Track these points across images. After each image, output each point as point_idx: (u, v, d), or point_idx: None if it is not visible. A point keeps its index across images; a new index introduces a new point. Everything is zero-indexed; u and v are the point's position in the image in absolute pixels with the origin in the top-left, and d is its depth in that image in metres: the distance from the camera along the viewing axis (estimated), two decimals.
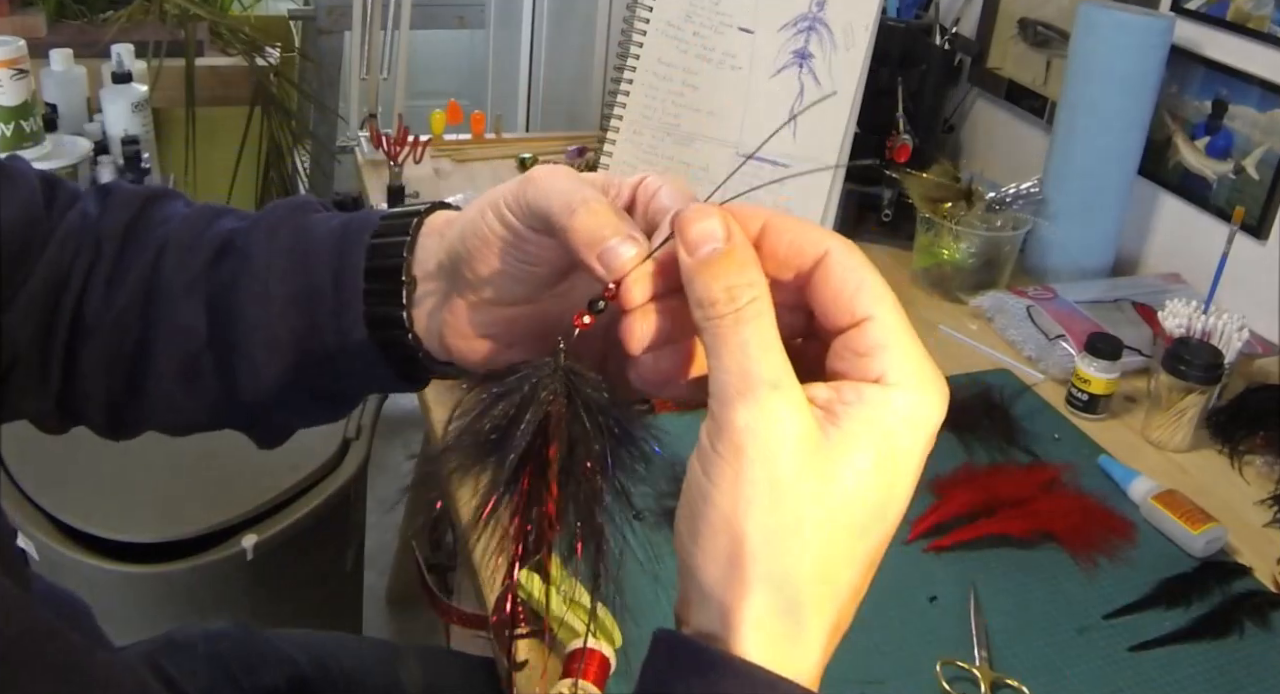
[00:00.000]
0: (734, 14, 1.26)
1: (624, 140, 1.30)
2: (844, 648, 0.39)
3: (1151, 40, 1.18)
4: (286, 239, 0.53)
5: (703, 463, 0.36)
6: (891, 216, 1.37)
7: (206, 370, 0.54)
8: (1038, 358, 1.11)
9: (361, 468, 1.42)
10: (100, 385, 0.55)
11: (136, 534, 1.23)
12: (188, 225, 0.55)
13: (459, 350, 0.50)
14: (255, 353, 0.52)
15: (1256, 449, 1.00)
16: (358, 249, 0.51)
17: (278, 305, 0.52)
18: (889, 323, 0.38)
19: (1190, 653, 0.77)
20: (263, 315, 0.52)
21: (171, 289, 0.53)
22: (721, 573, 0.36)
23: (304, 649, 0.90)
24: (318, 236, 0.53)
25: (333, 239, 0.52)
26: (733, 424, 0.35)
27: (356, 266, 0.51)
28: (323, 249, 0.52)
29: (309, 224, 0.53)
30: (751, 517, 0.35)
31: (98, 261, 0.54)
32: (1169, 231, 1.30)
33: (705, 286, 0.37)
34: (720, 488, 0.35)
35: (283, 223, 0.54)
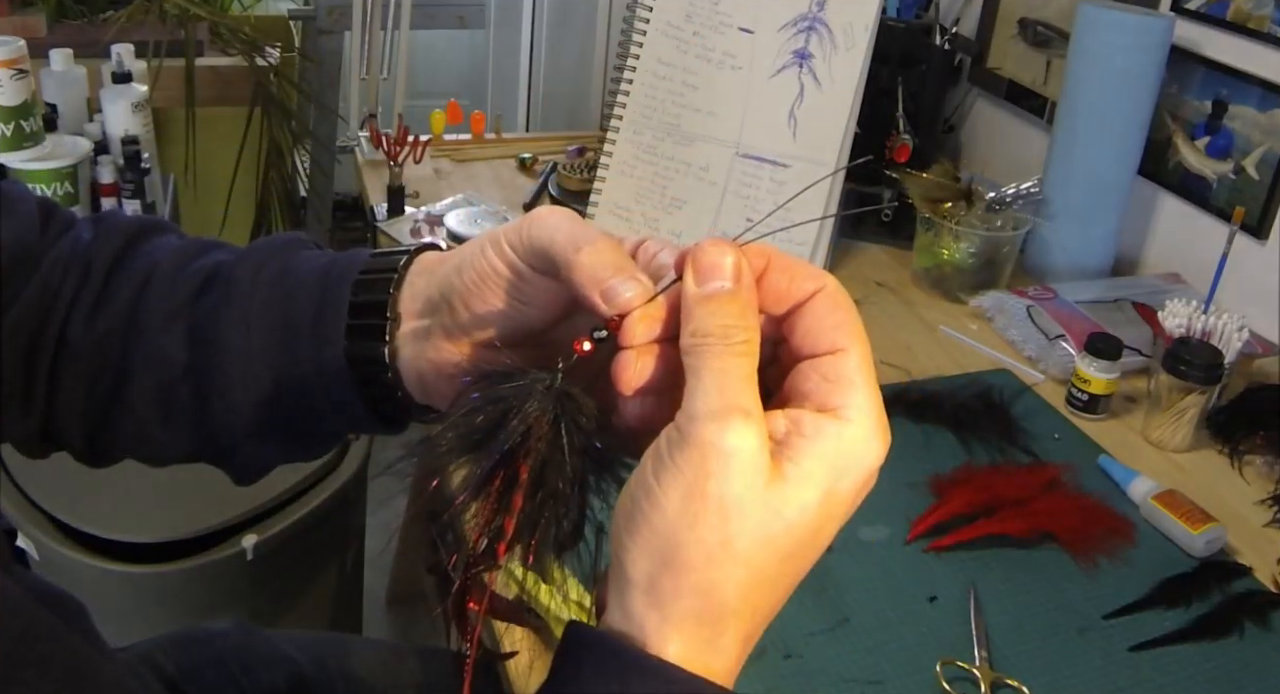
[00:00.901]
0: (734, 14, 1.26)
1: (624, 140, 1.30)
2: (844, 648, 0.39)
3: (1151, 40, 1.18)
4: (271, 273, 0.52)
5: (656, 467, 0.37)
6: (891, 216, 1.37)
7: (183, 402, 0.53)
8: (1038, 358, 1.11)
9: (361, 468, 1.42)
10: (78, 411, 0.55)
11: (136, 534, 1.23)
12: (176, 256, 0.54)
13: (439, 393, 0.49)
14: (233, 386, 0.52)
15: (1256, 449, 1.00)
16: (343, 285, 0.51)
17: (258, 338, 0.51)
18: (859, 360, 0.39)
19: (1190, 653, 0.77)
20: (242, 347, 0.51)
21: (154, 318, 0.53)
22: (652, 571, 0.37)
23: (303, 649, 0.91)
24: (303, 272, 0.52)
25: (317, 275, 0.52)
26: (700, 438, 0.36)
27: (340, 301, 0.50)
28: (307, 284, 0.51)
29: (296, 261, 0.53)
30: (695, 529, 0.36)
31: (84, 287, 0.54)
32: (1169, 231, 1.30)
33: (704, 320, 0.38)
34: (669, 495, 0.36)
35: (270, 257, 0.53)
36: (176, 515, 1.26)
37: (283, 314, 0.51)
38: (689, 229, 1.28)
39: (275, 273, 0.52)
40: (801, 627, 0.76)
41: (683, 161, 1.29)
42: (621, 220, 1.28)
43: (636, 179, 1.29)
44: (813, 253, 1.24)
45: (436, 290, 0.48)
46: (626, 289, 0.40)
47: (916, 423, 1.00)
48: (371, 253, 0.52)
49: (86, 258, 0.54)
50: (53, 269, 0.54)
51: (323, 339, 0.50)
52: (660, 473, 0.37)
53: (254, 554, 1.26)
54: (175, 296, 0.53)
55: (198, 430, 0.54)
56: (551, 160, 1.52)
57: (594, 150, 1.40)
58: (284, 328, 0.51)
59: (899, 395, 1.02)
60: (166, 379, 0.53)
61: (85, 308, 0.53)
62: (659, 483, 0.37)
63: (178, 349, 0.52)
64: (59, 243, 0.55)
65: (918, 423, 1.00)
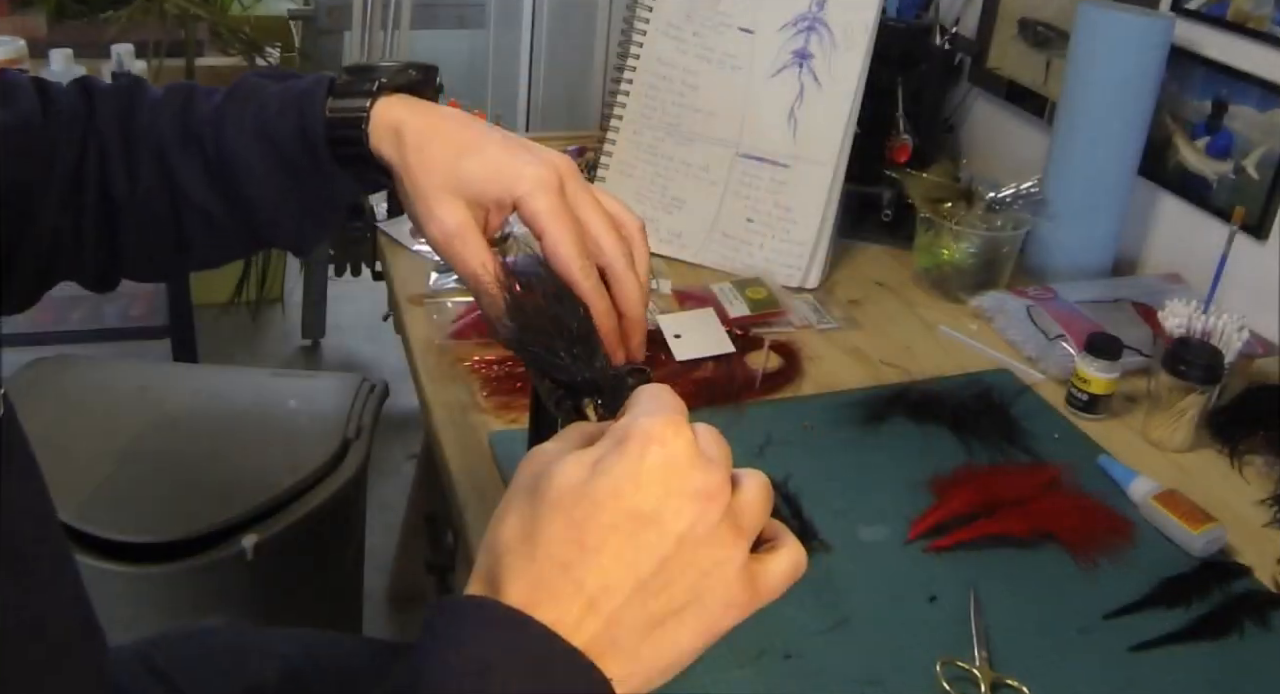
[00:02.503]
0: (734, 14, 1.26)
1: (624, 140, 1.30)
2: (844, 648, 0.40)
3: (1151, 40, 1.18)
4: (252, 128, 0.64)
5: (603, 456, 0.44)
6: (891, 216, 1.37)
7: (226, 222, 0.66)
8: (1038, 358, 1.11)
9: (361, 468, 1.42)
10: (144, 255, 0.68)
11: (136, 534, 1.23)
12: (174, 122, 0.65)
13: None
14: (259, 210, 0.65)
15: (1256, 449, 1.00)
16: (318, 131, 0.62)
17: (268, 178, 0.64)
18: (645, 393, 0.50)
19: (1190, 653, 0.77)
20: (257, 187, 0.64)
21: (184, 179, 0.65)
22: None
23: (297, 645, 0.90)
24: (280, 124, 0.64)
25: (292, 121, 0.63)
26: (640, 427, 0.44)
27: (321, 143, 0.62)
28: (286, 129, 0.63)
29: (266, 108, 0.64)
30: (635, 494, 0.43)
31: (106, 155, 0.65)
32: (1169, 231, 1.30)
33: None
34: (615, 471, 0.43)
35: (244, 115, 0.64)
36: (176, 515, 1.26)
37: (279, 160, 0.64)
38: (689, 229, 1.28)
39: (254, 128, 0.64)
40: (801, 627, 0.76)
41: (683, 161, 1.29)
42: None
43: (636, 179, 1.29)
44: (813, 253, 1.24)
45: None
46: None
47: (916, 423, 1.00)
48: (330, 94, 0.63)
49: (97, 131, 0.65)
50: (68, 144, 0.64)
51: (320, 173, 0.64)
52: (605, 459, 0.45)
53: (254, 554, 1.26)
54: (193, 166, 0.64)
55: (240, 231, 0.67)
56: None
57: (594, 150, 1.40)
58: (286, 168, 0.64)
59: (899, 395, 1.02)
60: (211, 216, 0.65)
61: (120, 176, 0.65)
62: (603, 468, 0.44)
63: (211, 202, 0.65)
64: (61, 118, 0.65)
65: (918, 423, 1.00)
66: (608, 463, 0.43)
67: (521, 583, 0.42)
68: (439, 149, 0.60)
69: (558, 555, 0.42)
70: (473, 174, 0.59)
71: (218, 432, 1.41)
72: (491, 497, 0.85)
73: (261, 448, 1.38)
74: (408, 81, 0.65)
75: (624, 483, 0.42)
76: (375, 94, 0.62)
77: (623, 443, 0.43)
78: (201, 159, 0.64)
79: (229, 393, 1.50)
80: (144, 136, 0.65)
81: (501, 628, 0.41)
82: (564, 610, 0.41)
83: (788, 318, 1.16)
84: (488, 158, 0.60)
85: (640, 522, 0.42)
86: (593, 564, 0.42)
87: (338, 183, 0.64)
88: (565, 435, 0.48)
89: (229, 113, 0.64)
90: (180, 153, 0.64)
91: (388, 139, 0.61)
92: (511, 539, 0.43)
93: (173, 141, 0.65)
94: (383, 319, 2.65)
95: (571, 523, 0.42)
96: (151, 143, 0.65)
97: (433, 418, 0.96)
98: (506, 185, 0.59)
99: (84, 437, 1.37)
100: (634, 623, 0.42)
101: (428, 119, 0.62)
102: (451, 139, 0.61)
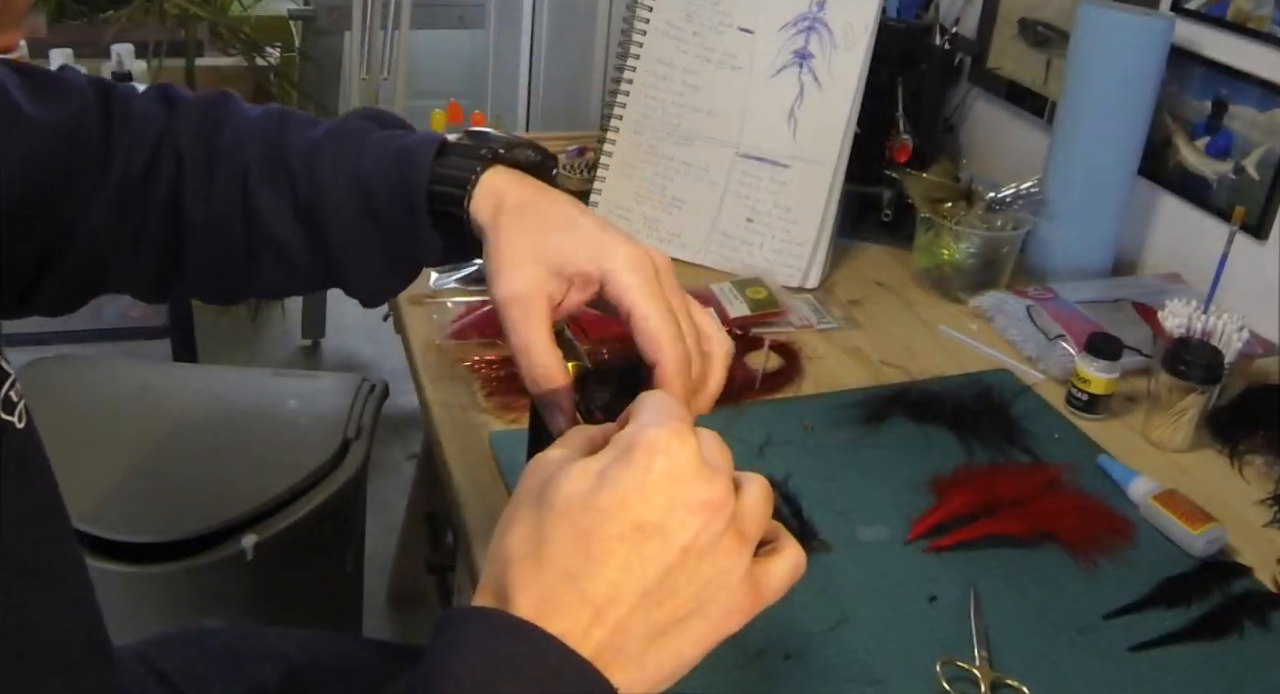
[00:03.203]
0: (734, 14, 1.26)
1: (624, 140, 1.30)
2: (844, 648, 0.40)
3: (1151, 40, 1.18)
4: (349, 172, 0.62)
5: (608, 466, 0.44)
6: (891, 216, 1.37)
7: (301, 261, 0.65)
8: (1038, 358, 1.11)
9: (361, 468, 1.42)
10: (209, 274, 0.67)
11: (136, 534, 1.23)
12: (265, 148, 0.64)
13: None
14: (340, 256, 0.64)
15: (1256, 449, 1.00)
16: (420, 189, 0.61)
17: (357, 225, 0.63)
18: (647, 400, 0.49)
19: (1190, 653, 0.77)
20: (342, 232, 0.63)
21: (265, 209, 0.64)
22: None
23: (298, 645, 0.90)
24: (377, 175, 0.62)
25: (393, 174, 0.62)
26: (646, 437, 0.44)
27: (420, 202, 0.61)
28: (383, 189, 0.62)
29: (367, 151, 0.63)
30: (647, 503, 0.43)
31: (183, 168, 0.64)
32: (1169, 231, 1.30)
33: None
34: (621, 482, 0.43)
35: (342, 157, 0.63)
36: (176, 515, 1.26)
37: (372, 212, 0.63)
38: (689, 229, 1.28)
39: (353, 155, 0.62)
40: (801, 627, 0.76)
41: (683, 161, 1.29)
42: (622, 220, 1.28)
43: (636, 179, 1.29)
44: (813, 253, 1.24)
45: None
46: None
47: (916, 423, 1.00)
48: (434, 165, 0.61)
49: (174, 143, 0.64)
50: (136, 150, 0.63)
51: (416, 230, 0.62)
52: (611, 470, 0.45)
53: (254, 554, 1.26)
54: (278, 193, 0.63)
55: (315, 271, 0.66)
56: None
57: (594, 150, 1.40)
58: (376, 222, 0.63)
59: (899, 395, 1.02)
60: (287, 250, 0.64)
61: (196, 192, 0.64)
62: (607, 479, 0.45)
63: (294, 234, 0.64)
64: (130, 121, 0.64)
65: (918, 423, 1.00)
66: (614, 473, 0.43)
67: (530, 593, 0.42)
68: (534, 219, 0.58)
69: (565, 566, 0.42)
70: (562, 244, 0.57)
71: (218, 432, 1.41)
72: (491, 497, 0.85)
73: (261, 448, 1.38)
74: (525, 160, 0.64)
75: (630, 494, 0.43)
76: (488, 161, 0.61)
77: (628, 452, 0.44)
78: (290, 192, 0.63)
79: (229, 393, 1.50)
80: (228, 157, 0.64)
81: (510, 638, 0.41)
82: (572, 621, 0.42)
83: (788, 318, 1.16)
84: (582, 232, 0.57)
85: (646, 533, 0.42)
86: (599, 575, 0.42)
87: (427, 244, 0.62)
88: (569, 441, 0.48)
89: (326, 149, 0.63)
90: (267, 181, 0.63)
91: (486, 204, 0.59)
92: (518, 549, 0.44)
93: (261, 168, 0.63)
94: (383, 319, 2.65)
95: (578, 533, 0.42)
96: (236, 165, 0.63)
97: (433, 418, 0.96)
98: (597, 258, 0.56)
99: (84, 437, 1.37)
100: (639, 632, 0.42)
101: (532, 193, 0.60)
102: (550, 212, 0.59)
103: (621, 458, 0.44)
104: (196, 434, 1.40)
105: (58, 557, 0.50)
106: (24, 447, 0.48)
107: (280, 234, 0.63)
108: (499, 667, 0.41)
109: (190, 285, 0.68)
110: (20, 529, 0.46)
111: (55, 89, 0.62)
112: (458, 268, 1.18)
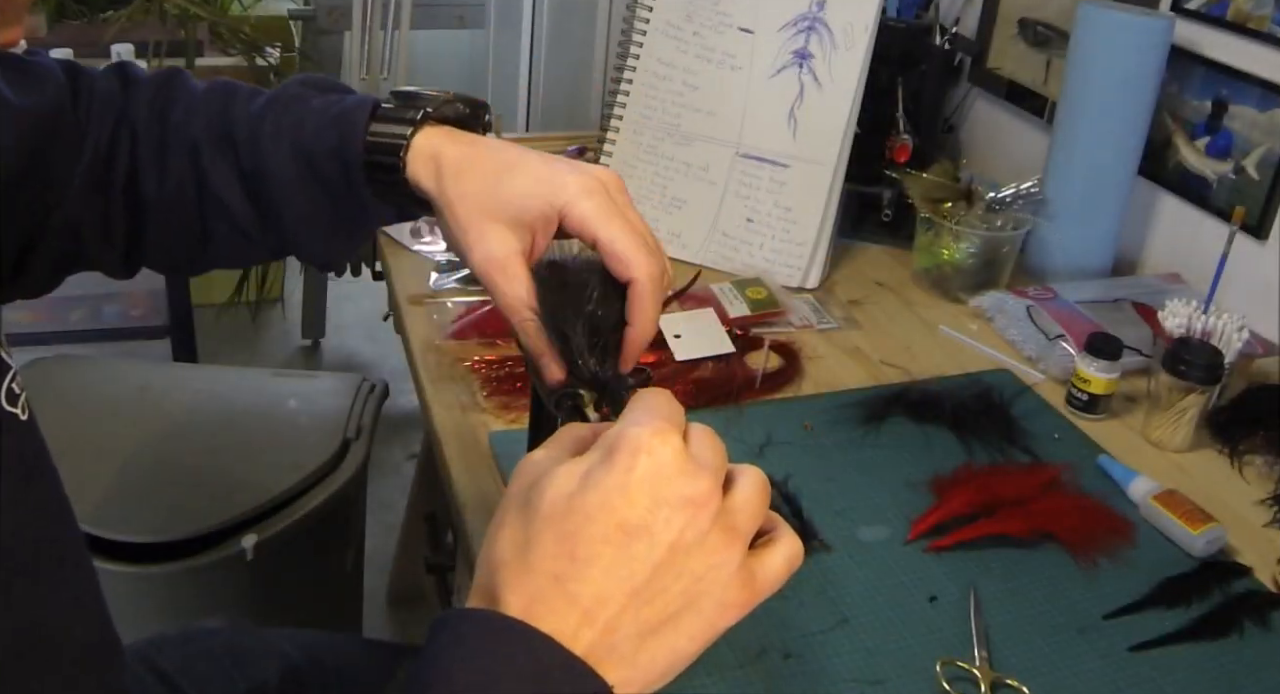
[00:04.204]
0: (734, 14, 1.26)
1: (624, 140, 1.30)
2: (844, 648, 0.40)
3: (1151, 40, 1.18)
4: (289, 140, 0.63)
5: (592, 468, 0.44)
6: (891, 216, 1.37)
7: (253, 230, 0.66)
8: (1038, 358, 1.11)
9: (361, 468, 1.42)
10: (165, 249, 0.68)
11: (136, 534, 1.23)
12: (211, 121, 0.65)
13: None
14: (288, 221, 0.65)
15: (1256, 449, 1.00)
16: (356, 154, 0.62)
17: (301, 191, 0.64)
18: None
19: (1190, 653, 0.77)
20: (288, 199, 0.64)
21: (215, 182, 0.65)
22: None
23: (298, 645, 0.90)
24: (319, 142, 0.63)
25: (330, 140, 0.63)
26: (629, 437, 0.44)
27: (357, 167, 0.62)
28: (325, 152, 0.63)
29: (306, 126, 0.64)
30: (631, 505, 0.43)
31: (137, 147, 0.65)
32: (1169, 231, 1.30)
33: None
34: (604, 484, 0.43)
35: (286, 109, 0.65)
36: (176, 515, 1.26)
37: (315, 178, 0.64)
38: (689, 229, 1.28)
39: (291, 145, 0.63)
40: (801, 627, 0.76)
41: (683, 161, 1.29)
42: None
43: (636, 179, 1.29)
44: (813, 253, 1.24)
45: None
46: None
47: (916, 423, 1.00)
48: (372, 118, 0.62)
49: (130, 120, 0.65)
50: (100, 126, 0.65)
51: (354, 193, 0.63)
52: (595, 471, 0.46)
53: (254, 554, 1.26)
54: (223, 168, 0.64)
55: (267, 239, 0.67)
56: None
57: (594, 150, 1.40)
58: (320, 185, 0.64)
59: (899, 395, 1.02)
60: (238, 217, 0.65)
61: (151, 170, 0.65)
62: (592, 479, 0.45)
63: (241, 204, 0.65)
64: (94, 101, 0.65)
65: (918, 423, 1.00)
66: (597, 475, 0.43)
67: (518, 596, 0.42)
68: (477, 175, 0.59)
69: (551, 569, 0.42)
70: (513, 191, 0.58)
71: (218, 432, 1.41)
72: (492, 497, 0.85)
73: (261, 448, 1.38)
74: (455, 115, 0.64)
75: (613, 495, 0.43)
76: (418, 123, 0.61)
77: (611, 454, 0.44)
78: (235, 162, 0.64)
79: (229, 393, 1.50)
80: (178, 132, 0.65)
81: (503, 639, 0.41)
82: (560, 621, 0.42)
83: (788, 318, 1.16)
84: (528, 173, 0.58)
85: (630, 533, 0.42)
86: (585, 576, 0.42)
87: (370, 207, 0.64)
88: (557, 441, 0.48)
89: (268, 119, 0.64)
90: (214, 153, 0.64)
91: (426, 169, 0.60)
92: (506, 553, 0.44)
93: (207, 141, 0.64)
94: (383, 319, 2.65)
95: (563, 536, 0.43)
96: (186, 140, 0.64)
97: (433, 418, 0.96)
98: (549, 196, 0.57)
99: (83, 437, 1.37)
100: (630, 630, 0.42)
101: (466, 148, 0.60)
102: (489, 163, 0.59)
103: (605, 459, 0.44)
104: (196, 434, 1.40)
105: (62, 553, 0.50)
106: (27, 440, 0.48)
107: (230, 204, 0.64)
108: (493, 667, 0.41)
109: (151, 260, 0.69)
110: (24, 524, 0.46)
111: (35, 75, 0.63)
112: (458, 268, 1.18)
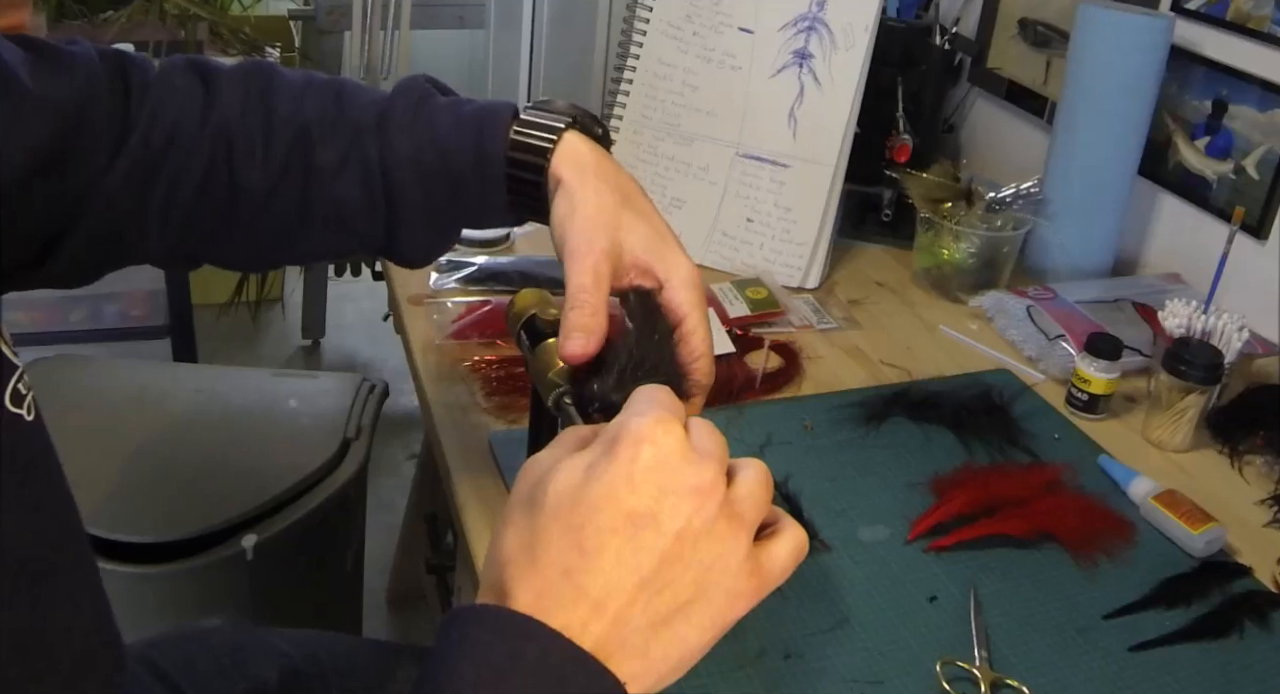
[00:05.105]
0: (734, 14, 1.26)
1: (624, 140, 1.30)
2: (844, 648, 0.40)
3: (1151, 40, 1.18)
4: (424, 133, 0.64)
5: (595, 460, 0.44)
6: (891, 216, 1.37)
7: (358, 220, 0.65)
8: (1038, 358, 1.11)
9: (361, 468, 1.42)
10: (255, 241, 0.66)
11: (136, 534, 1.23)
12: (323, 111, 0.64)
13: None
14: (401, 216, 0.65)
15: (1256, 449, 1.00)
16: (499, 152, 0.64)
17: (427, 185, 0.64)
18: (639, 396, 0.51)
19: (1190, 653, 0.77)
20: (410, 192, 0.64)
21: (326, 169, 0.64)
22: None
23: (297, 645, 0.91)
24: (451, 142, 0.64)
25: (468, 136, 0.64)
26: (631, 428, 0.45)
27: (499, 164, 0.64)
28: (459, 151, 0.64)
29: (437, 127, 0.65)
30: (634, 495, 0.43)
31: (232, 144, 0.63)
32: (1169, 231, 1.30)
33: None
34: (609, 474, 0.44)
35: (417, 117, 0.65)
36: (176, 515, 1.26)
37: (444, 176, 0.64)
38: (689, 229, 1.28)
39: (427, 117, 0.64)
40: (801, 627, 0.76)
41: (683, 161, 1.29)
42: None
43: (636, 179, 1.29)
44: (812, 253, 1.24)
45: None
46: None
47: (916, 423, 1.00)
48: (512, 127, 0.64)
49: (218, 113, 0.64)
50: (157, 120, 0.63)
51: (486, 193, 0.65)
52: (596, 465, 0.46)
53: (254, 554, 1.26)
54: (339, 142, 0.64)
55: (373, 229, 0.66)
56: None
57: None
58: (448, 185, 0.64)
59: (899, 395, 1.02)
60: (347, 207, 0.65)
61: (251, 159, 0.63)
62: (593, 473, 0.46)
63: (354, 186, 0.64)
64: (148, 93, 0.63)
65: (918, 423, 1.00)
66: (601, 467, 0.43)
67: (526, 591, 0.42)
68: (618, 193, 0.63)
69: (558, 562, 0.42)
70: (636, 230, 0.62)
71: (218, 432, 1.41)
72: (491, 497, 0.85)
73: (261, 448, 1.38)
74: (593, 134, 0.66)
75: (618, 485, 0.43)
76: (568, 126, 0.64)
77: (614, 445, 0.44)
78: (358, 151, 0.64)
79: (229, 393, 1.50)
80: (284, 121, 0.64)
81: (512, 634, 0.41)
82: (569, 615, 0.42)
83: (788, 318, 1.16)
84: (654, 228, 0.63)
85: (637, 523, 0.42)
86: (593, 568, 0.42)
87: (488, 205, 0.65)
88: (560, 442, 0.49)
89: (396, 110, 0.64)
90: (329, 142, 0.64)
91: (570, 162, 0.63)
92: (513, 550, 0.44)
93: (320, 129, 0.64)
94: (383, 319, 2.66)
95: (569, 529, 0.43)
96: (292, 128, 0.64)
97: (433, 418, 0.96)
98: (664, 263, 0.62)
99: (84, 437, 1.37)
100: (640, 622, 0.42)
101: (614, 169, 0.65)
102: (629, 194, 0.64)
103: (608, 451, 0.44)
104: (196, 434, 1.40)
105: (68, 554, 0.50)
106: (33, 440, 0.48)
107: (342, 193, 0.64)
108: (502, 664, 0.41)
109: (224, 253, 0.68)
110: (30, 524, 0.46)
111: (62, 64, 0.62)
112: (458, 268, 1.18)
